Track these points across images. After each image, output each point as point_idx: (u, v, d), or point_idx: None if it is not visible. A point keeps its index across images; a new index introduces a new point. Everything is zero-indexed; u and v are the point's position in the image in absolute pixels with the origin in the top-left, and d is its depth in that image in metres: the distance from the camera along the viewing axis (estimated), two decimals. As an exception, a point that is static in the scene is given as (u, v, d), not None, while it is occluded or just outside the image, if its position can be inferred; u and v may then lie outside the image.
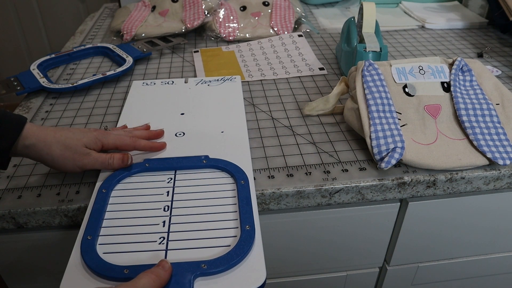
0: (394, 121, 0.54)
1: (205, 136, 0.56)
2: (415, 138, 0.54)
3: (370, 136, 0.53)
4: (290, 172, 0.53)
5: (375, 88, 0.56)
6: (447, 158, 0.52)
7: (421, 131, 0.55)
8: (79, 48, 0.85)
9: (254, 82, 0.75)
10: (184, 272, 0.38)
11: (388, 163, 0.50)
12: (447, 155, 0.52)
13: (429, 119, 0.56)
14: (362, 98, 0.56)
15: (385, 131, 0.53)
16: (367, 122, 0.54)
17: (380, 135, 0.52)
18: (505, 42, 0.90)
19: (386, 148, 0.51)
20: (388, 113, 0.55)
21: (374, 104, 0.55)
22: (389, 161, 0.50)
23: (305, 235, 0.58)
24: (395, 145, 0.51)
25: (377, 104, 0.55)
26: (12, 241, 0.53)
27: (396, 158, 0.50)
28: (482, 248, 0.66)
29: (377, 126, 0.53)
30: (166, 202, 0.46)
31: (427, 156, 0.52)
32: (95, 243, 0.41)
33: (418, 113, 0.56)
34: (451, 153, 0.52)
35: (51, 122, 0.64)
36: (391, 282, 0.68)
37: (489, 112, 0.56)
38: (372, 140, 0.52)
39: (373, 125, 0.53)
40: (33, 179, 0.52)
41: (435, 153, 0.52)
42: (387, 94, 0.56)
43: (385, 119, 0.54)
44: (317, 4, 1.15)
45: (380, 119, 0.54)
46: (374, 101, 0.55)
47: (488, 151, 0.52)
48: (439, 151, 0.52)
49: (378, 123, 0.53)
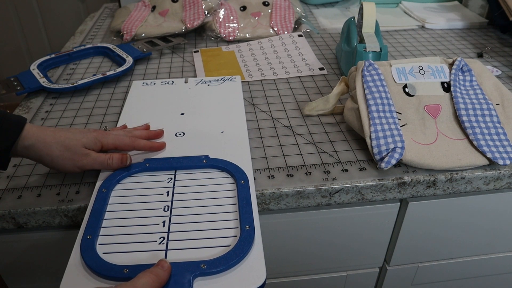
0: (394, 121, 0.54)
1: (205, 136, 0.56)
2: (415, 138, 0.54)
3: (370, 136, 0.53)
4: (290, 172, 0.53)
5: (375, 88, 0.56)
6: (447, 158, 0.52)
7: (421, 131, 0.55)
8: (79, 48, 0.85)
9: (254, 82, 0.75)
10: (183, 272, 0.38)
11: (388, 163, 0.50)
12: (447, 155, 0.52)
13: (429, 119, 0.56)
14: (362, 98, 0.56)
15: (385, 131, 0.53)
16: (367, 122, 0.54)
17: (380, 135, 0.52)
18: (505, 42, 0.90)
19: (386, 148, 0.51)
20: (388, 113, 0.55)
21: (374, 104, 0.55)
22: (389, 161, 0.50)
23: (305, 235, 0.58)
24: (395, 145, 0.51)
25: (377, 104, 0.55)
26: (12, 241, 0.53)
27: (396, 158, 0.50)
28: (482, 248, 0.66)
29: (377, 126, 0.53)
30: (166, 202, 0.46)
31: (427, 156, 0.52)
32: (95, 243, 0.41)
33: (418, 113, 0.56)
34: (451, 153, 0.52)
35: (51, 122, 0.64)
36: (391, 282, 0.68)
37: (489, 112, 0.56)
38: (372, 140, 0.52)
39: (373, 125, 0.53)
40: (33, 179, 0.52)
41: (435, 153, 0.52)
42: (387, 94, 0.56)
43: (385, 119, 0.54)
44: (317, 4, 1.15)
45: (380, 119, 0.54)
46: (374, 101, 0.55)
47: (488, 151, 0.52)
48: (439, 151, 0.52)
49: (378, 123, 0.53)
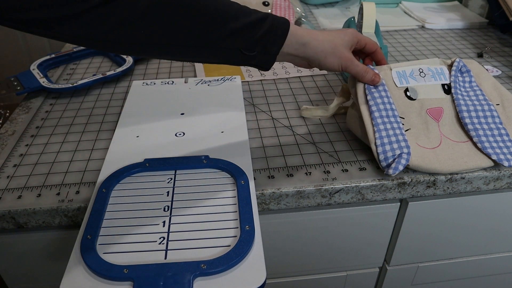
0: (398, 125, 0.53)
1: (205, 136, 0.56)
2: (420, 143, 0.53)
3: (376, 142, 0.52)
4: (290, 172, 0.53)
5: (377, 94, 0.55)
6: (453, 162, 0.51)
7: (424, 135, 0.54)
8: (79, 48, 0.85)
9: (254, 82, 0.75)
10: (183, 272, 0.38)
11: (395, 169, 0.49)
12: (453, 159, 0.52)
13: (432, 122, 0.55)
14: (364, 104, 0.55)
15: (390, 136, 0.52)
16: (371, 129, 0.53)
17: (385, 141, 0.51)
18: (505, 42, 0.90)
19: (393, 154, 0.50)
20: (392, 117, 0.54)
21: (377, 110, 0.54)
22: (396, 167, 0.49)
23: (305, 235, 0.58)
24: (401, 150, 0.50)
25: (380, 110, 0.54)
26: (12, 241, 0.53)
27: (403, 164, 0.49)
28: (482, 248, 0.66)
29: (381, 132, 0.52)
30: (166, 202, 0.46)
31: (434, 160, 0.51)
32: (95, 243, 0.41)
33: (420, 117, 0.55)
34: (456, 156, 0.52)
35: (51, 122, 0.64)
36: (391, 282, 0.68)
37: (490, 113, 0.56)
38: (377, 147, 0.51)
39: (377, 131, 0.52)
40: (33, 179, 0.52)
41: (441, 157, 0.52)
42: (389, 99, 0.55)
43: (390, 124, 0.53)
44: (317, 4, 1.14)
45: (384, 124, 0.53)
46: (377, 106, 0.54)
47: (493, 153, 0.51)
48: (445, 155, 0.52)
49: (383, 128, 0.52)
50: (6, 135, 0.61)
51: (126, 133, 0.58)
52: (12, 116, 0.65)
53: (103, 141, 0.59)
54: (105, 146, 0.58)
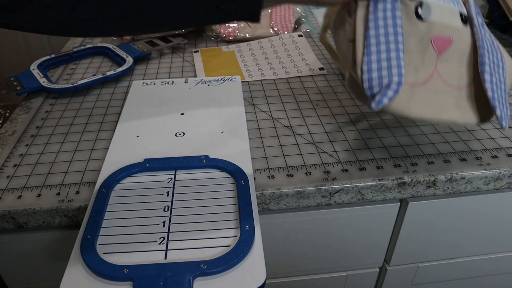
0: (396, 46, 0.43)
1: (205, 136, 0.57)
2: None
3: (362, 67, 0.43)
4: (290, 172, 0.53)
5: (381, 5, 0.44)
6: (426, 107, 0.44)
7: (414, 66, 0.45)
8: (79, 48, 0.85)
9: (254, 82, 0.75)
10: (183, 272, 0.38)
11: (379, 103, 0.41)
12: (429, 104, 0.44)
13: (431, 54, 0.46)
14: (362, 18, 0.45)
15: (380, 61, 0.43)
16: (360, 49, 0.44)
17: (373, 66, 0.43)
18: (505, 42, 0.90)
19: (379, 82, 0.42)
20: (392, 36, 0.43)
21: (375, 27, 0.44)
22: (380, 100, 0.41)
23: (305, 235, 0.58)
24: (389, 79, 0.42)
25: (378, 26, 0.44)
26: (12, 241, 0.53)
27: (389, 96, 0.41)
28: (482, 248, 0.66)
29: (371, 56, 0.43)
30: (166, 202, 0.46)
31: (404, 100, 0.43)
32: (95, 243, 0.41)
33: (421, 44, 0.45)
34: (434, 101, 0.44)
35: (51, 122, 0.64)
36: (391, 282, 0.68)
37: (502, 63, 0.47)
38: (363, 73, 0.43)
39: (367, 54, 0.43)
40: (33, 179, 0.52)
41: (417, 98, 0.43)
42: (395, 12, 0.44)
43: (385, 45, 0.43)
44: (317, 4, 1.14)
45: (378, 45, 0.43)
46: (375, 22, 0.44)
47: (498, 107, 0.44)
48: (423, 97, 0.44)
49: (375, 51, 0.43)
50: (6, 135, 0.61)
51: (126, 133, 0.58)
52: (12, 116, 0.65)
53: (103, 141, 0.59)
54: (105, 146, 0.58)
